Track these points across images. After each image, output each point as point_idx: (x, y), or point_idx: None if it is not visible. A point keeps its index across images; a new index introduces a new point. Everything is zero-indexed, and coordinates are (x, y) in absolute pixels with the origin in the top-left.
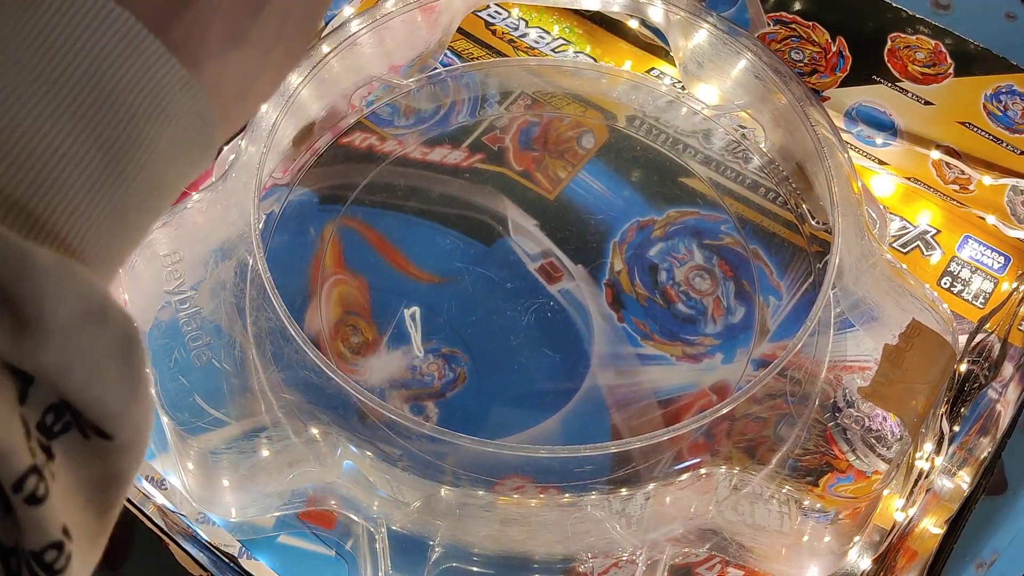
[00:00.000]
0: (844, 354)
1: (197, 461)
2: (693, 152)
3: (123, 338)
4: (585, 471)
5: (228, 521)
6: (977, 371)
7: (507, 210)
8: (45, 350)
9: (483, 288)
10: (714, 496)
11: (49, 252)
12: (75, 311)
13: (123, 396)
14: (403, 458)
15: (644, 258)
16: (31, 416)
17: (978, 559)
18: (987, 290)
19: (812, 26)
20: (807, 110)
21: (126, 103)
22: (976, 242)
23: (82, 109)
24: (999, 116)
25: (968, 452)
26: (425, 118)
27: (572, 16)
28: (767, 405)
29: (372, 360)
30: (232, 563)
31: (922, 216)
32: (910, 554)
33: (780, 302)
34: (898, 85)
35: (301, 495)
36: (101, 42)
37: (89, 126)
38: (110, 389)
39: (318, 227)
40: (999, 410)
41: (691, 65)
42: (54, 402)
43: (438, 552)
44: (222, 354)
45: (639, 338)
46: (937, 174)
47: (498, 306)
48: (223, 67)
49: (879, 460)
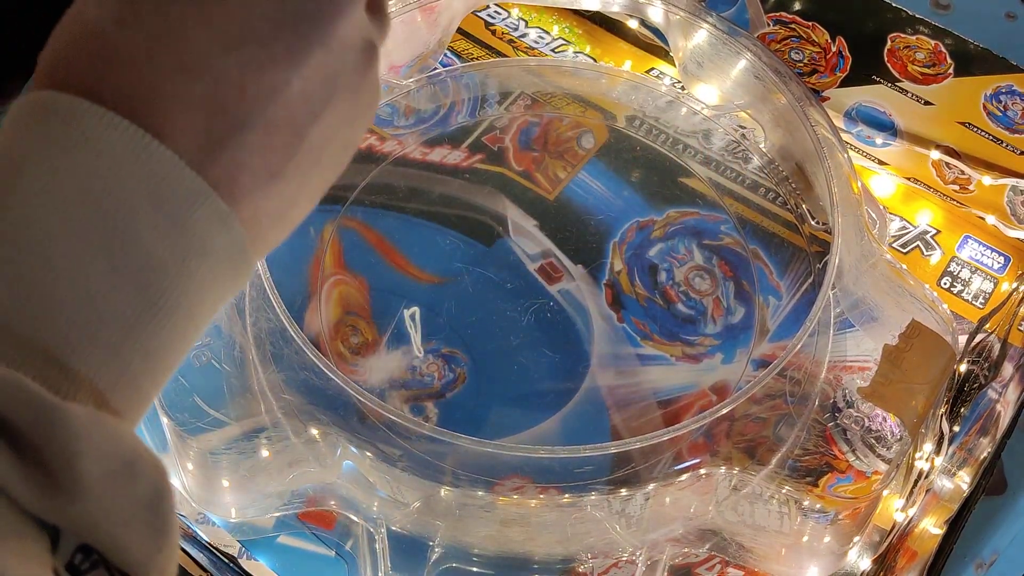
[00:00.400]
0: (844, 354)
1: (197, 461)
2: (693, 152)
3: (152, 491)
4: (585, 471)
5: (228, 522)
6: (977, 371)
7: (507, 210)
8: (74, 507)
9: (483, 288)
10: (714, 496)
11: (81, 409)
12: (106, 469)
13: (149, 547)
14: (403, 458)
15: (644, 258)
16: (61, 560)
17: (978, 559)
18: (987, 290)
19: (812, 26)
20: (807, 110)
21: (164, 241)
22: (976, 242)
23: (118, 249)
24: (999, 116)
25: (968, 452)
26: (425, 118)
27: (572, 16)
28: (767, 405)
29: (372, 360)
30: (232, 563)
31: (922, 216)
32: (910, 554)
33: (780, 302)
34: (898, 85)
35: (301, 495)
36: (139, 178)
37: (124, 266)
38: (137, 540)
39: (318, 227)
40: (999, 410)
41: (691, 65)
42: (82, 544)
43: (438, 552)
44: (222, 354)
45: (639, 338)
46: (937, 174)
47: (498, 306)
48: (261, 200)
49: (879, 460)
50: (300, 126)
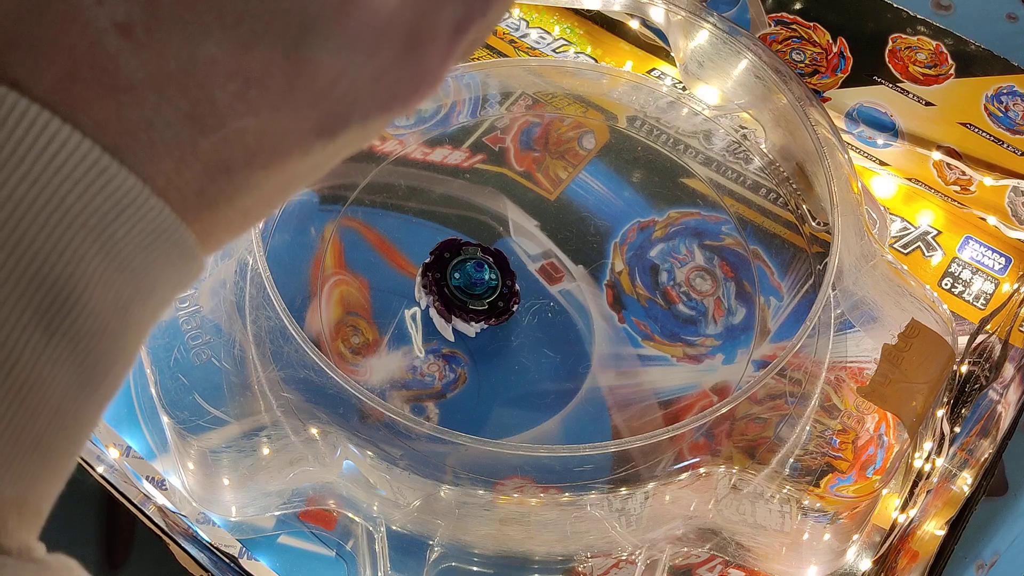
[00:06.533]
0: (844, 354)
1: (197, 460)
2: (694, 153)
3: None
4: (585, 471)
5: (228, 521)
6: (978, 372)
7: (508, 211)
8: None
9: None
10: (714, 495)
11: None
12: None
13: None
14: (403, 458)
15: (645, 259)
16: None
17: (979, 560)
18: (988, 291)
19: (813, 27)
20: (807, 110)
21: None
22: (977, 243)
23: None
24: (1000, 117)
25: (969, 453)
26: (426, 118)
27: (573, 16)
28: (767, 406)
29: (372, 360)
30: (232, 563)
31: (923, 217)
32: (911, 555)
33: (781, 303)
34: (899, 86)
35: (301, 495)
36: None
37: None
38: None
39: (318, 227)
40: (1000, 411)
41: (692, 65)
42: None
43: (437, 552)
44: (222, 353)
45: (640, 339)
46: (938, 175)
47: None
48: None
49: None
50: (296, 186)
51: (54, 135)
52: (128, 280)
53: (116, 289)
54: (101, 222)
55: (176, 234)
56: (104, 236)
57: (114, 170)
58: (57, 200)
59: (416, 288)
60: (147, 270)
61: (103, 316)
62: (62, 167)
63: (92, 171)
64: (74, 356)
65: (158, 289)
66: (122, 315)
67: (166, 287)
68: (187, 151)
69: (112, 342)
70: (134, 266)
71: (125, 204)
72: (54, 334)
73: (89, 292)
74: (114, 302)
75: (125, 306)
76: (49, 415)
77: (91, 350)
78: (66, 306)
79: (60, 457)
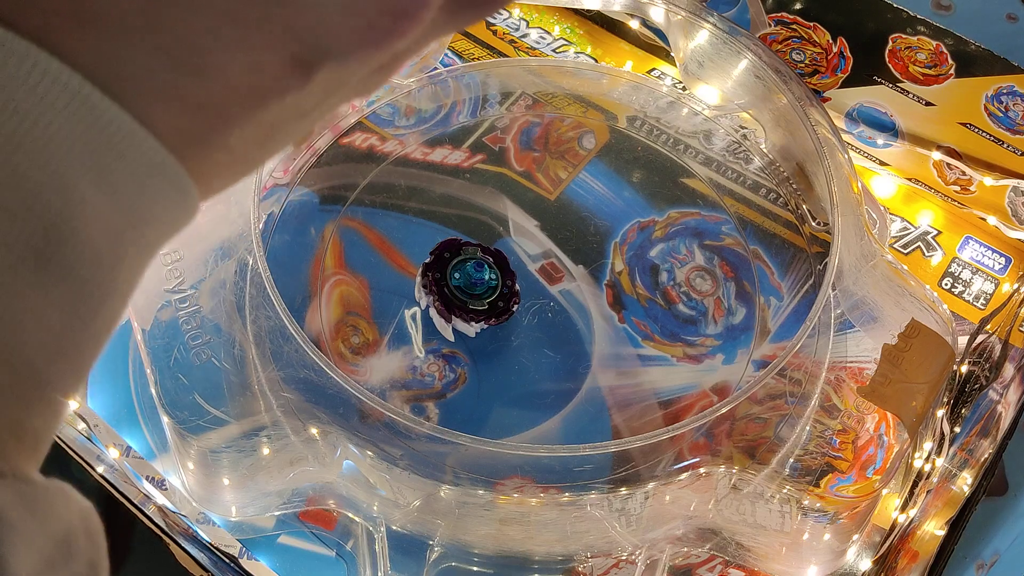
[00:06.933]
0: (844, 354)
1: (197, 460)
2: (694, 153)
3: (88, 566)
4: (585, 471)
5: (228, 521)
6: (978, 372)
7: (508, 211)
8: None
9: None
10: (714, 495)
11: (7, 496)
12: (41, 557)
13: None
14: (403, 458)
15: (645, 259)
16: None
17: (979, 560)
18: (988, 291)
19: (813, 27)
20: (807, 110)
21: (100, 224)
22: (977, 243)
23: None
24: (1000, 117)
25: (969, 453)
26: (426, 118)
27: (573, 16)
28: (767, 406)
29: (373, 360)
30: (232, 563)
31: (923, 217)
32: (911, 555)
33: (781, 303)
34: (899, 86)
35: (301, 494)
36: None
37: (52, 268)
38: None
39: (318, 227)
40: (1000, 411)
41: (692, 65)
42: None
43: (437, 552)
44: (222, 353)
45: (640, 339)
46: (938, 175)
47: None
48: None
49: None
50: (283, 132)
51: (45, 70)
52: (119, 209)
53: (107, 217)
54: (90, 152)
55: (166, 166)
56: (93, 165)
57: (99, 100)
58: (44, 129)
59: (416, 288)
60: (140, 199)
61: (95, 244)
62: (46, 96)
63: (76, 101)
64: (66, 283)
65: (152, 222)
66: (115, 245)
67: (160, 222)
68: (168, 87)
69: (106, 272)
70: (127, 194)
71: (111, 133)
72: (47, 261)
73: (79, 219)
74: (106, 230)
75: (117, 235)
76: (42, 341)
77: (85, 279)
78: (57, 234)
79: (57, 386)
